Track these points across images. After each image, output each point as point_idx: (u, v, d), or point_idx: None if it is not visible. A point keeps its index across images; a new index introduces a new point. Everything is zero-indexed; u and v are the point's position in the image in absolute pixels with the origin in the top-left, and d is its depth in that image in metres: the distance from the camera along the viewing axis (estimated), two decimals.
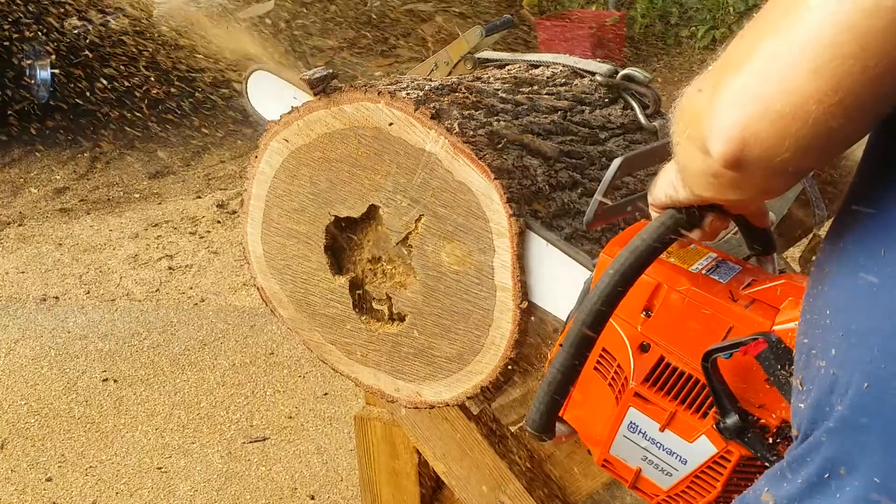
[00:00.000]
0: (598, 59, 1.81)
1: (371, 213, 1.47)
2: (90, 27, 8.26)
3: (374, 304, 1.53)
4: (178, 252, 4.44)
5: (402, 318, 1.49)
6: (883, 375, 0.69)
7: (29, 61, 6.62)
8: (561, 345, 1.00)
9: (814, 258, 0.84)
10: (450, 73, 2.03)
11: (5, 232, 4.80)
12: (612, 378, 1.06)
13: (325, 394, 3.17)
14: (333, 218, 1.49)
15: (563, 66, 1.78)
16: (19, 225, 4.90)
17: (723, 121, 0.69)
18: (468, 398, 1.50)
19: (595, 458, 1.12)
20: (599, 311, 0.95)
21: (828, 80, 0.63)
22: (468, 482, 1.74)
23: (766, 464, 0.94)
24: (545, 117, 1.55)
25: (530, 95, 1.60)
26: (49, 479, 2.79)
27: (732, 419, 0.95)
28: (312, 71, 1.40)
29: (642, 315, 1.03)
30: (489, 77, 1.69)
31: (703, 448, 0.99)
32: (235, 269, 4.21)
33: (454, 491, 1.79)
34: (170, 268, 4.27)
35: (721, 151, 0.70)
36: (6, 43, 6.34)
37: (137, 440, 2.96)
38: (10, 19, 6.33)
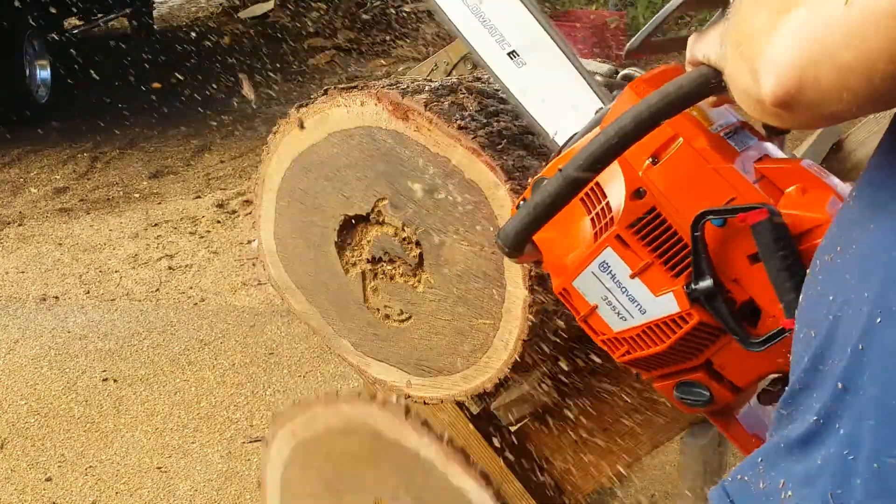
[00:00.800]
0: (598, 59, 1.81)
1: None
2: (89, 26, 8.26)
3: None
4: (177, 252, 4.44)
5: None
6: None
7: (28, 61, 6.62)
8: (560, 169, 0.97)
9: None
10: (450, 74, 2.03)
11: (5, 232, 4.81)
12: (597, 214, 1.03)
13: (326, 394, 3.17)
14: None
15: None
16: (19, 225, 4.90)
17: (780, 57, 0.66)
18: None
19: (554, 286, 1.10)
20: (612, 146, 0.92)
21: None
22: None
23: (727, 333, 0.95)
24: None
25: None
26: (49, 479, 2.79)
27: (706, 284, 0.95)
28: None
29: (648, 160, 0.99)
30: (489, 77, 1.69)
31: (666, 304, 0.99)
32: (235, 269, 4.21)
33: None
34: (170, 267, 4.27)
35: (772, 89, 0.67)
36: (6, 43, 6.34)
37: (137, 440, 2.96)
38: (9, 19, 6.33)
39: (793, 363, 0.80)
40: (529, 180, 1.10)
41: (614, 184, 1.01)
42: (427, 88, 1.46)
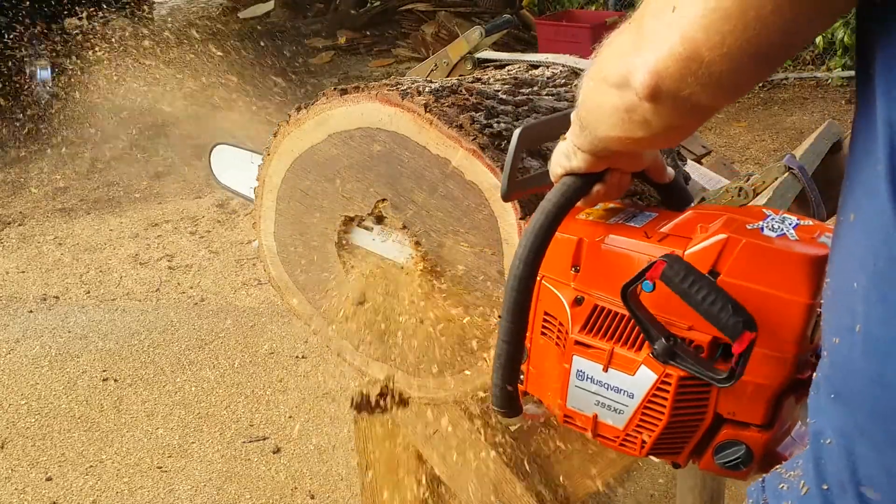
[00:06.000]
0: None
1: None
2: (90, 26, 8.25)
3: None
4: (178, 252, 4.44)
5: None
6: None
7: (29, 61, 6.62)
8: (500, 317, 1.06)
9: None
10: (449, 74, 2.03)
11: (6, 231, 4.81)
12: (557, 337, 1.12)
13: (325, 393, 3.17)
14: None
15: (563, 66, 1.78)
16: (20, 224, 4.90)
17: (646, 56, 0.82)
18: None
19: (558, 418, 1.16)
20: (522, 273, 1.03)
21: (715, 34, 0.75)
22: (468, 482, 1.75)
23: (704, 379, 0.98)
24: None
25: (530, 96, 1.61)
26: (49, 479, 2.79)
27: (661, 344, 0.99)
28: None
29: (572, 272, 1.10)
30: (489, 78, 1.69)
31: (644, 377, 1.04)
32: (235, 269, 4.21)
33: (454, 491, 1.79)
34: (170, 267, 4.27)
35: (641, 81, 0.83)
36: (5, 42, 6.34)
37: (137, 440, 2.97)
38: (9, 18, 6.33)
39: None
40: None
41: (558, 305, 1.11)
42: (427, 90, 1.46)
